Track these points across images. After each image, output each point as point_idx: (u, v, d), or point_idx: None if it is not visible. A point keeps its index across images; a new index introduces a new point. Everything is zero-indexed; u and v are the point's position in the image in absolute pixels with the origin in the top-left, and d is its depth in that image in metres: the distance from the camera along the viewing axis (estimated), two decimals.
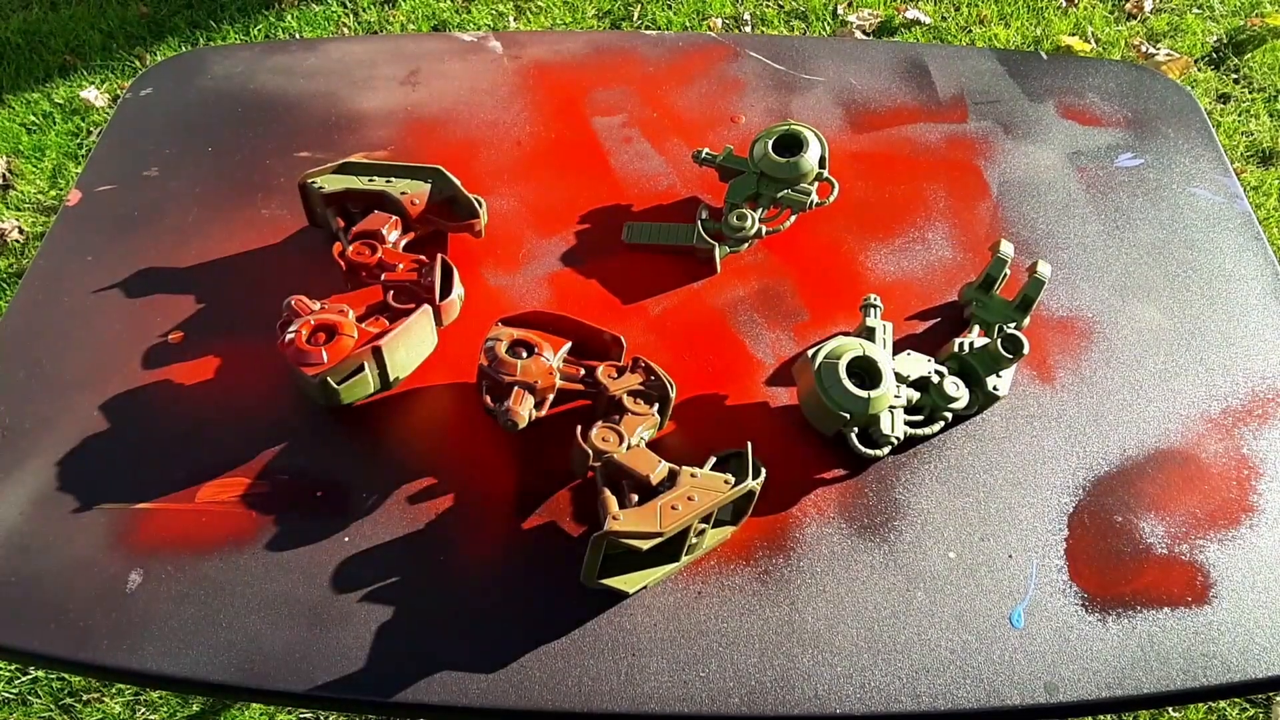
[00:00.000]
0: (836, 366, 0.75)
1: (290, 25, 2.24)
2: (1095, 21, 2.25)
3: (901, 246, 0.93)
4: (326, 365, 0.74)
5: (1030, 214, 0.96)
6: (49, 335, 0.85)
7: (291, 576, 0.70)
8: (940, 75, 1.10)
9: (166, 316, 0.86)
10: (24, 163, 2.01)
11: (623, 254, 0.92)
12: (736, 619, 0.69)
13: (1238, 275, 0.91)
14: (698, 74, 1.10)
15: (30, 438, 0.78)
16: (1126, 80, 1.10)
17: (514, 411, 0.72)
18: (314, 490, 0.75)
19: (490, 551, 0.72)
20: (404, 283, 0.82)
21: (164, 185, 0.97)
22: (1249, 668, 0.68)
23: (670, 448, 0.77)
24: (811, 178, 0.92)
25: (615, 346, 0.79)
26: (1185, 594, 0.71)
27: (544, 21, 2.26)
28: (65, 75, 2.17)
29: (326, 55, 1.12)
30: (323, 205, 0.89)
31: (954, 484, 0.77)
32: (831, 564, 0.72)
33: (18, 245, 1.86)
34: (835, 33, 2.23)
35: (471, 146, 1.01)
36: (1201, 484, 0.77)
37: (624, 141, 1.02)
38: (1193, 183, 0.99)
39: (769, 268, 0.91)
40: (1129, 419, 0.81)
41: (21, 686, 1.35)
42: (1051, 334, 0.87)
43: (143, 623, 0.68)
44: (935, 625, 0.69)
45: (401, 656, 0.67)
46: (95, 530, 0.73)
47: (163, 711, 1.33)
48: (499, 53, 1.12)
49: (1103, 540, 0.74)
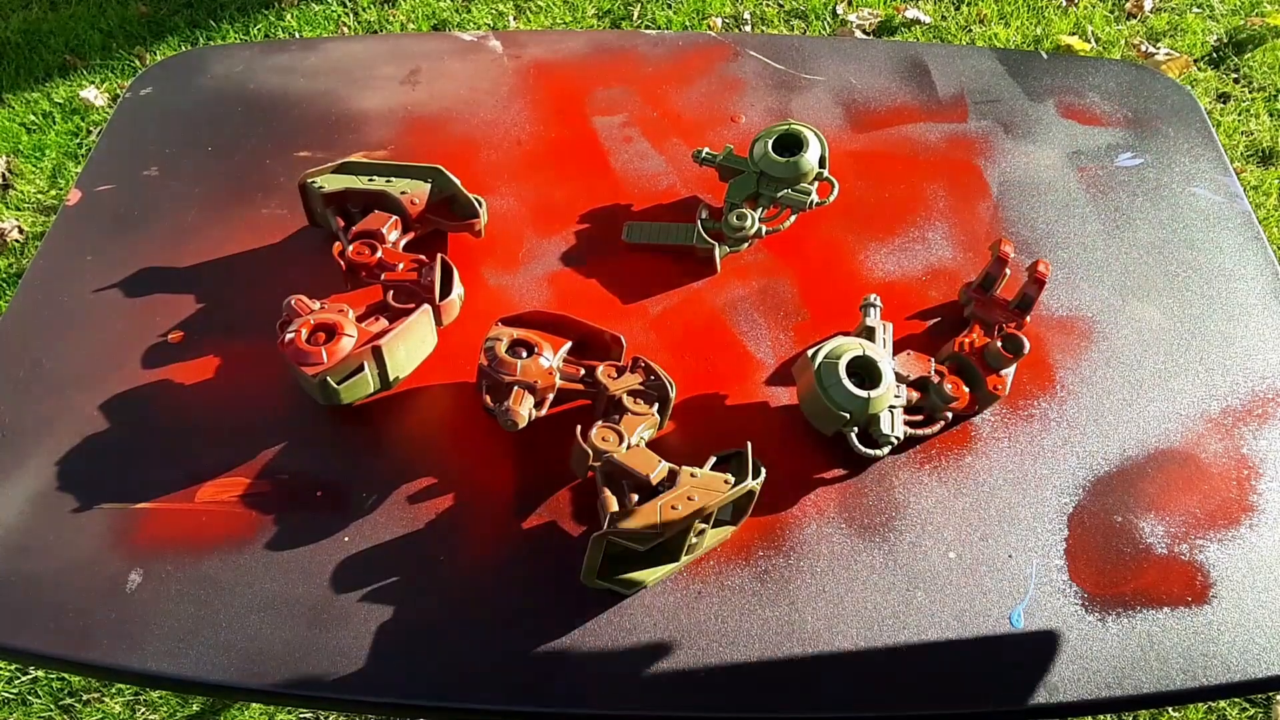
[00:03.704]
0: (836, 366, 0.75)
1: (290, 25, 2.24)
2: (1095, 21, 2.25)
3: (901, 246, 0.93)
4: (326, 365, 0.74)
5: (1030, 214, 0.96)
6: (49, 335, 0.85)
7: (291, 576, 0.71)
8: (940, 75, 1.10)
9: (166, 316, 0.86)
10: (24, 162, 2.01)
11: (623, 254, 0.92)
12: (736, 619, 0.69)
13: (1238, 275, 0.91)
14: (698, 74, 1.10)
15: (30, 438, 0.78)
16: (1126, 80, 1.10)
17: (514, 411, 0.72)
18: (314, 490, 0.75)
19: (490, 551, 0.72)
20: (404, 282, 0.82)
21: (164, 185, 0.97)
22: (1249, 668, 0.68)
23: (670, 448, 0.77)
24: (811, 177, 0.91)
25: (615, 346, 0.79)
26: (1185, 594, 0.71)
27: (544, 21, 2.26)
28: (65, 75, 2.17)
29: (326, 55, 1.12)
30: (323, 205, 0.89)
31: (954, 484, 0.77)
32: (831, 564, 0.72)
33: (18, 245, 1.86)
34: (835, 32, 2.23)
35: (471, 146, 1.01)
36: (1201, 484, 0.77)
37: (624, 141, 1.02)
38: (1193, 182, 0.99)
39: (769, 268, 0.91)
40: (1129, 419, 0.81)
41: (21, 686, 1.35)
42: (1051, 334, 0.87)
43: (143, 622, 0.68)
44: (935, 625, 0.69)
45: (401, 656, 0.67)
46: (95, 530, 0.73)
47: (163, 711, 1.33)
48: (499, 52, 1.12)
49: (1102, 540, 0.74)
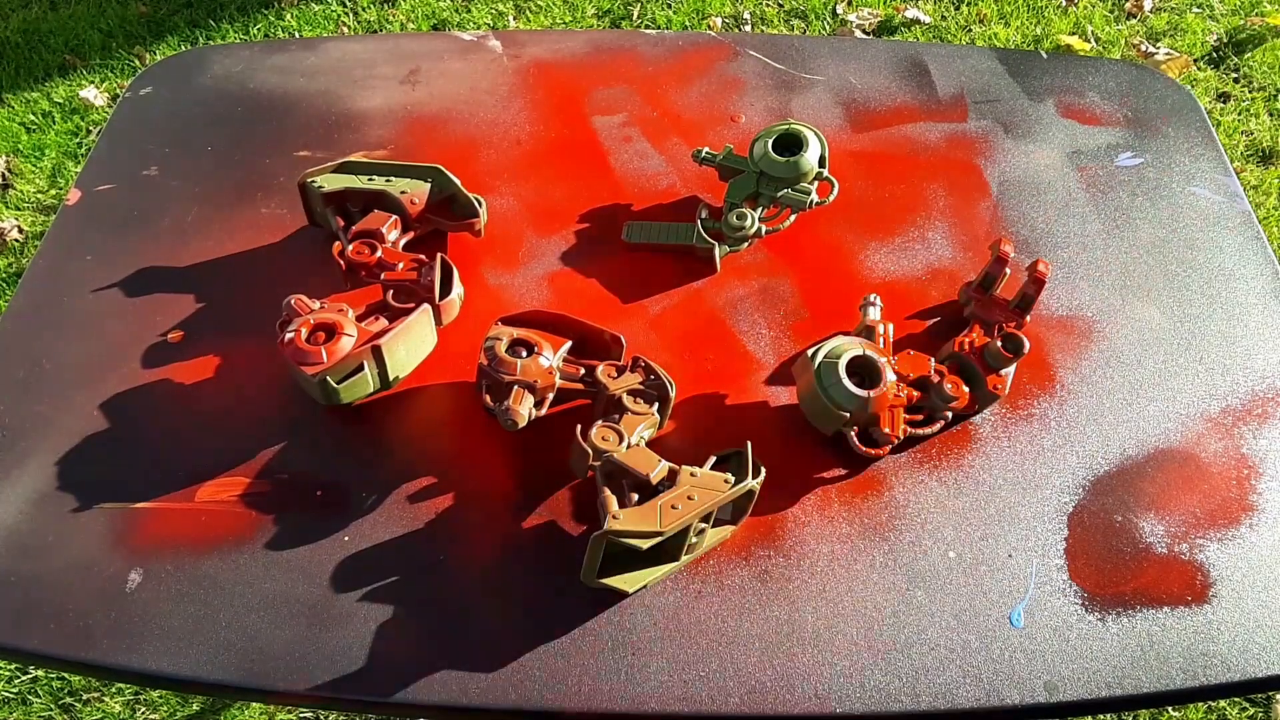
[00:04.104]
0: (836, 366, 0.75)
1: (290, 24, 2.24)
2: (1095, 21, 2.25)
3: (901, 246, 0.93)
4: (326, 365, 0.74)
5: (1030, 213, 0.96)
6: (49, 335, 0.85)
7: (291, 576, 0.71)
8: (940, 74, 1.10)
9: (166, 316, 0.86)
10: (23, 162, 2.01)
11: (623, 253, 0.92)
12: (736, 619, 0.69)
13: (1238, 275, 0.91)
14: (698, 73, 1.10)
15: (30, 438, 0.78)
16: (1126, 79, 1.10)
17: (514, 411, 0.72)
18: (314, 490, 0.75)
19: (490, 551, 0.72)
20: (404, 282, 0.82)
21: (164, 185, 0.97)
22: (1249, 667, 0.68)
23: (670, 447, 0.77)
24: (811, 177, 0.91)
25: (615, 346, 0.79)
26: (1185, 593, 0.71)
27: (544, 20, 2.26)
28: (65, 74, 2.17)
29: (326, 54, 1.12)
30: (322, 204, 0.89)
31: (954, 484, 0.77)
32: (831, 564, 0.72)
33: (17, 245, 1.86)
34: (835, 32, 2.23)
35: (471, 146, 1.01)
36: (1201, 484, 0.77)
37: (624, 141, 1.02)
38: (1193, 182, 0.99)
39: (769, 267, 0.91)
40: (1129, 419, 0.81)
41: (21, 686, 1.35)
42: (1051, 334, 0.86)
43: (143, 622, 0.68)
44: (935, 625, 0.69)
45: (401, 656, 0.67)
46: (95, 530, 0.73)
47: (163, 711, 1.33)
48: (499, 52, 1.12)
49: (1102, 540, 0.74)
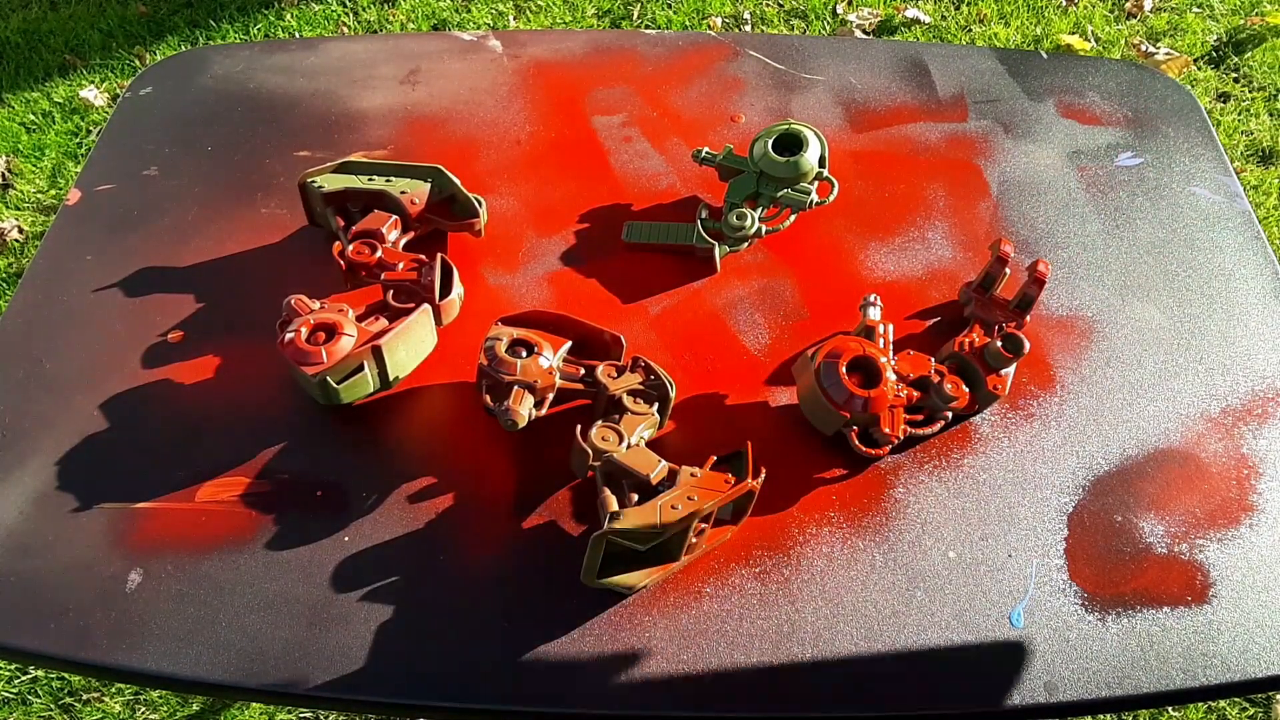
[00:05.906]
0: (836, 366, 0.75)
1: (290, 24, 2.24)
2: (1095, 20, 2.25)
3: (901, 246, 0.93)
4: (326, 365, 0.74)
5: (1030, 213, 0.96)
6: (49, 335, 0.85)
7: (291, 576, 0.71)
8: (940, 74, 1.10)
9: (166, 316, 0.86)
10: (23, 162, 2.01)
11: (623, 254, 0.92)
12: (736, 619, 0.69)
13: (1238, 275, 0.91)
14: (698, 73, 1.10)
15: (30, 438, 0.78)
16: (1126, 79, 1.10)
17: (514, 411, 0.72)
18: (314, 490, 0.75)
19: (490, 551, 0.72)
20: (404, 282, 0.82)
21: (164, 185, 0.97)
22: (1248, 667, 0.68)
23: (670, 447, 0.77)
24: (811, 177, 0.91)
25: (615, 346, 0.79)
26: (1185, 593, 0.71)
27: (544, 20, 2.26)
28: (65, 74, 2.17)
29: (326, 54, 1.12)
30: (322, 204, 0.89)
31: (954, 484, 0.77)
32: (831, 564, 0.72)
33: (17, 245, 1.86)
34: (835, 32, 2.23)
35: (471, 146, 1.01)
36: (1201, 484, 0.77)
37: (624, 141, 1.02)
38: (1193, 182, 0.99)
39: (769, 267, 0.91)
40: (1129, 419, 0.81)
41: (21, 686, 1.35)
42: (1051, 334, 0.86)
43: (142, 622, 0.68)
44: (935, 625, 0.69)
45: (401, 656, 0.67)
46: (95, 530, 0.73)
47: (163, 711, 1.33)
48: (499, 52, 1.12)
49: (1102, 540, 0.74)
